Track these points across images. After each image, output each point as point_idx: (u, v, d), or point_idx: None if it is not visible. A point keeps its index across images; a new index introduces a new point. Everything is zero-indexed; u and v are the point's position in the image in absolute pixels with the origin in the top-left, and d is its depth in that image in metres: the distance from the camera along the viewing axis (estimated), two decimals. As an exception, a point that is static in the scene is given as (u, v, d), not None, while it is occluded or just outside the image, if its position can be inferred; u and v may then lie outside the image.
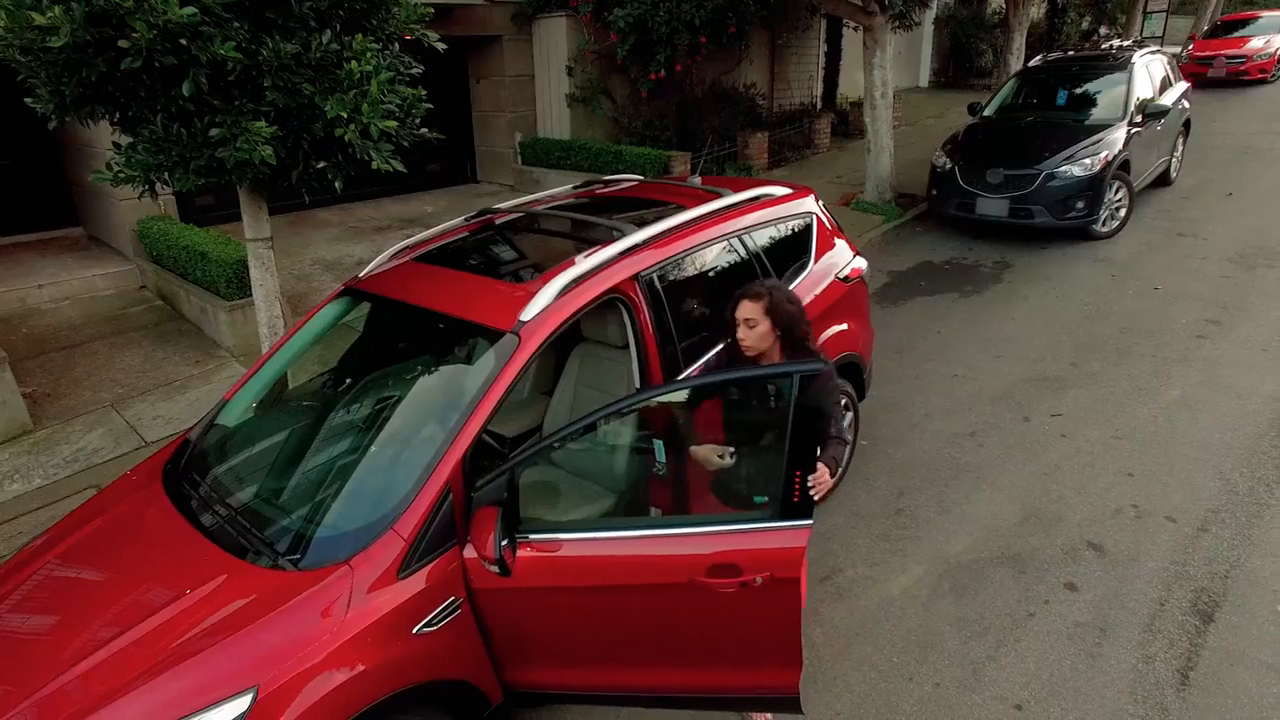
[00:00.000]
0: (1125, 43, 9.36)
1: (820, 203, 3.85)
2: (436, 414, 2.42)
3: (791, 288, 3.46)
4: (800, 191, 3.77)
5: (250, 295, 5.86)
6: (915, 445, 4.36)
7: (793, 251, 3.58)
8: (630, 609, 2.25)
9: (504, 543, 2.06)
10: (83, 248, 8.26)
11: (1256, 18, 16.40)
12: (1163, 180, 8.69)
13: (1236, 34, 15.68)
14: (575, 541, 2.21)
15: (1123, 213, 7.36)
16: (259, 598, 2.09)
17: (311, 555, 2.19)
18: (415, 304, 2.81)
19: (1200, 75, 15.04)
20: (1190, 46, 16.27)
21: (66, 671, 1.98)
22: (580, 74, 9.74)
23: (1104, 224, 7.26)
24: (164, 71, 3.13)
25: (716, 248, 3.18)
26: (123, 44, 2.90)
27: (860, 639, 3.07)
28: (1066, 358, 5.22)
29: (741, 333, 2.47)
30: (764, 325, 2.43)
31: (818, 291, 3.60)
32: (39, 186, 8.40)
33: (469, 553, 2.23)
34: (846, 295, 3.74)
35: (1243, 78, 14.71)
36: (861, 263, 3.94)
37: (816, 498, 2.12)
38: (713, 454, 2.36)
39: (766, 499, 2.18)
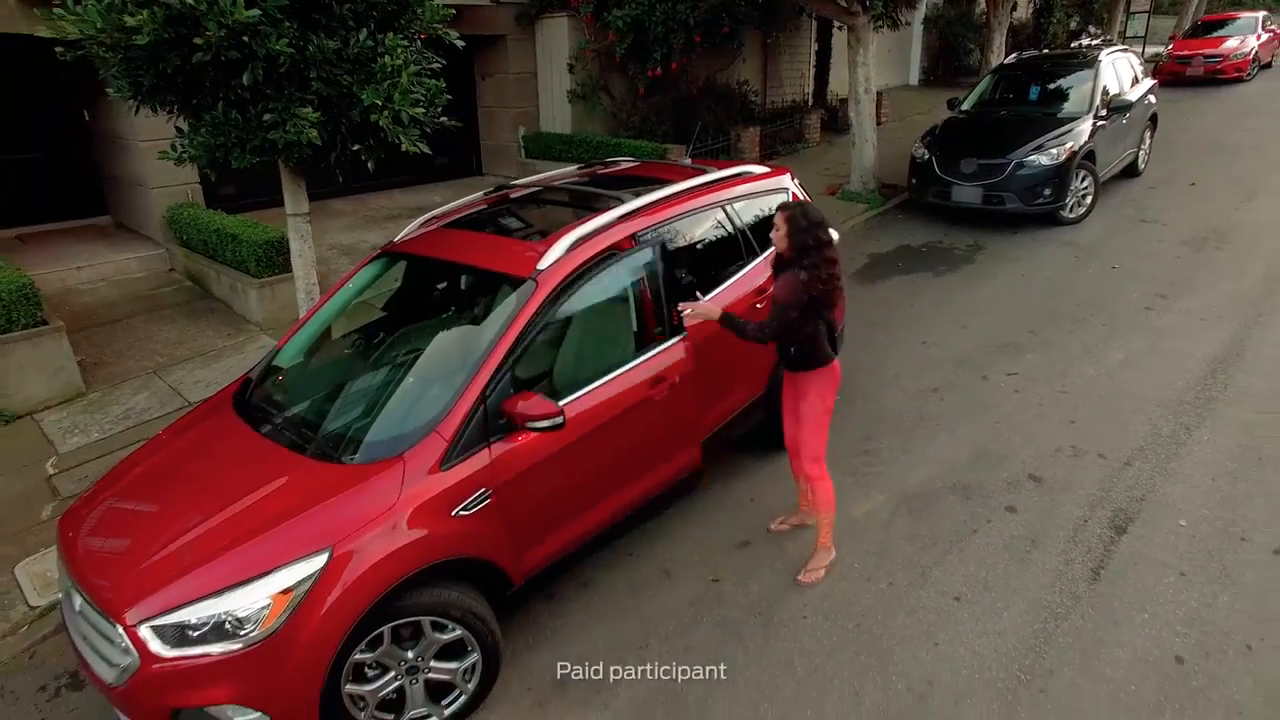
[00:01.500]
0: (1094, 42, 9.87)
1: (796, 180, 4.37)
2: (470, 343, 2.93)
3: (765, 256, 3.99)
4: (777, 170, 4.29)
5: (279, 273, 6.42)
6: (884, 400, 4.87)
7: (771, 220, 4.07)
8: (607, 440, 3.09)
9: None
10: (111, 234, 8.77)
11: (1234, 18, 16.93)
12: (1131, 171, 9.21)
13: (1215, 34, 16.21)
14: (576, 400, 2.95)
15: (1089, 200, 7.88)
16: (330, 484, 2.60)
17: (372, 452, 2.70)
18: (447, 259, 3.32)
19: (1179, 74, 15.59)
20: (1170, 46, 16.81)
21: (186, 534, 2.50)
22: (581, 71, 10.25)
23: (1071, 210, 7.78)
24: (227, 65, 3.65)
25: (702, 214, 3.70)
26: (197, 41, 3.41)
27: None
28: (1026, 327, 5.74)
29: (773, 232, 3.18)
30: (782, 230, 3.10)
31: (792, 257, 4.10)
32: (69, 177, 8.89)
33: (493, 453, 2.74)
34: (819, 261, 4.24)
35: (1219, 76, 15.23)
36: (834, 234, 4.44)
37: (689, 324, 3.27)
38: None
39: (662, 329, 3.34)
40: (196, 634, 2.35)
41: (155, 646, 2.34)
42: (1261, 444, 4.13)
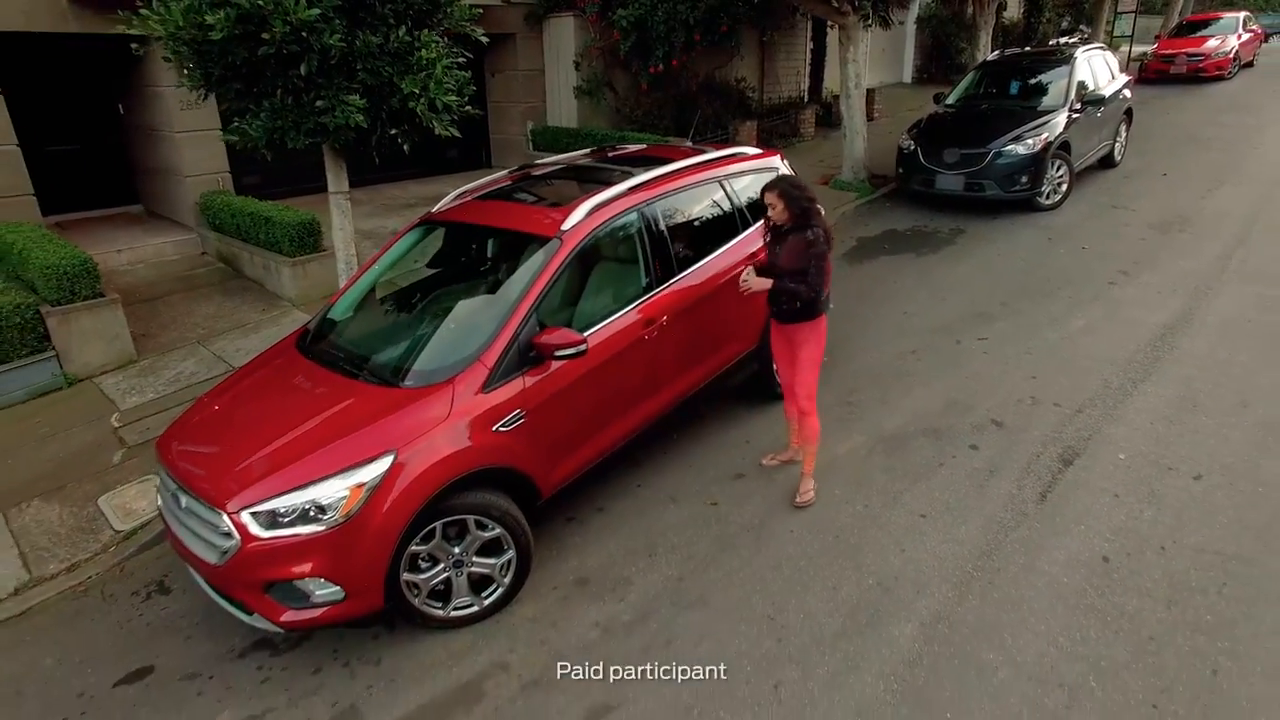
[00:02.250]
0: (1071, 40, 10.39)
1: (785, 161, 4.89)
2: (506, 291, 3.45)
3: (758, 225, 4.49)
4: (769, 152, 4.81)
5: (310, 253, 6.95)
6: (866, 361, 5.39)
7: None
8: (622, 366, 3.66)
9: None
10: (143, 221, 9.29)
11: (1218, 18, 17.46)
12: (1107, 162, 9.73)
13: (1198, 34, 16.75)
14: (596, 331, 3.50)
15: (1064, 187, 8.40)
16: (392, 403, 3.12)
17: (426, 378, 3.21)
18: (483, 224, 3.84)
19: (1164, 72, 16.13)
20: (1156, 45, 17.34)
21: (273, 442, 3.01)
22: (586, 68, 10.77)
23: (1047, 197, 8.30)
24: (286, 57, 4.17)
25: (703, 186, 4.22)
26: (265, 36, 3.93)
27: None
28: (998, 299, 6.26)
29: (771, 211, 3.65)
30: (779, 204, 3.59)
31: (782, 228, 4.62)
32: (103, 168, 9.41)
33: (526, 381, 3.27)
34: (805, 233, 4.76)
35: (1201, 74, 15.76)
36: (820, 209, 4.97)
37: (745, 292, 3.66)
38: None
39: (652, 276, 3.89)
40: (286, 519, 2.87)
41: (254, 529, 2.86)
42: (1196, 394, 4.66)
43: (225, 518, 2.89)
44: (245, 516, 2.87)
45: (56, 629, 3.60)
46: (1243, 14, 17.26)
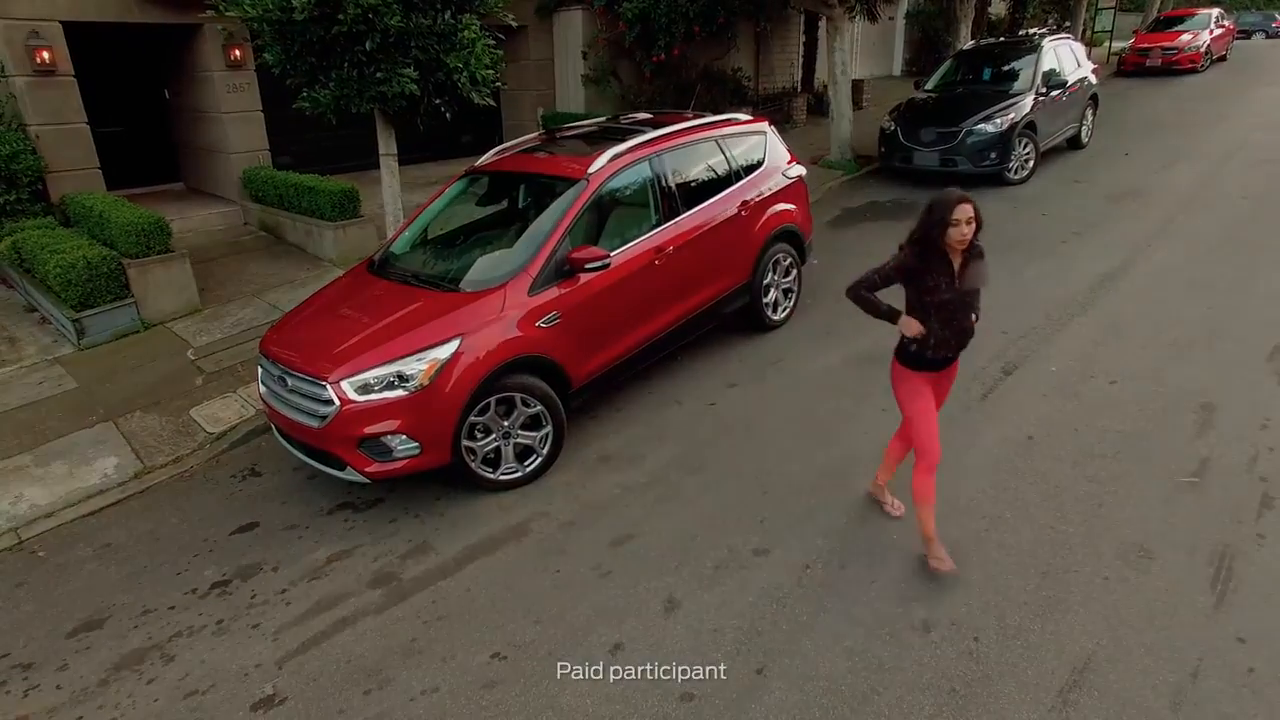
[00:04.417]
0: (1040, 30, 11.22)
1: (773, 128, 5.70)
2: (544, 220, 4.26)
3: (749, 179, 5.31)
4: (758, 118, 5.63)
5: (350, 218, 7.73)
6: (845, 301, 6.17)
7: (751, 153, 5.42)
8: (636, 285, 4.41)
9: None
10: (186, 197, 10.08)
11: (1193, 14, 18.31)
12: (1075, 144, 10.55)
13: (1173, 29, 17.60)
14: (620, 253, 4.26)
15: (1031, 164, 9.21)
16: (457, 302, 3.93)
17: (484, 285, 4.02)
18: (522, 171, 4.66)
19: (1140, 65, 16.98)
20: (1133, 40, 18.19)
21: (362, 332, 3.82)
22: (593, 58, 11.58)
23: (1015, 172, 9.11)
24: (354, 36, 4.97)
25: (702, 144, 5.03)
26: (339, 17, 4.73)
27: (796, 386, 4.90)
28: (963, 256, 7.07)
29: (965, 229, 2.91)
30: (976, 220, 2.94)
31: (769, 182, 5.43)
32: (147, 149, 10.20)
33: (561, 290, 4.07)
34: (789, 187, 5.58)
35: (1175, 67, 16.60)
36: (802, 169, 5.80)
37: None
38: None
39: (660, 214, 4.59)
40: (377, 387, 3.67)
41: (350, 395, 3.66)
42: (1121, 323, 5.48)
43: (328, 388, 3.69)
44: (344, 385, 3.67)
45: (174, 500, 4.40)
46: (1215, 11, 18.11)
